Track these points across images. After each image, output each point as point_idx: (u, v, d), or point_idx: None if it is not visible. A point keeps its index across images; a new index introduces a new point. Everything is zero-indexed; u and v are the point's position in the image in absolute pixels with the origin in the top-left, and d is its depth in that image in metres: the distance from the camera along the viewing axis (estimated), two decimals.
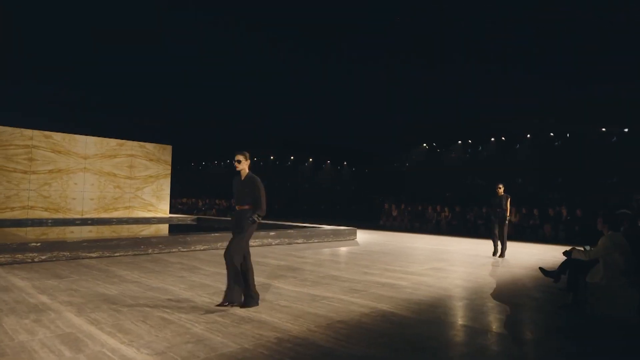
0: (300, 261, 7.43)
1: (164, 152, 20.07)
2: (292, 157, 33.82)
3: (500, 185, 8.63)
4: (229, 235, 8.97)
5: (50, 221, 14.29)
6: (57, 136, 16.91)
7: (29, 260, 6.50)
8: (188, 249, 8.30)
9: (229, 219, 19.09)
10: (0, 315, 3.72)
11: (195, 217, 18.34)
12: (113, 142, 18.41)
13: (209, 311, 4.01)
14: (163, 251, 7.95)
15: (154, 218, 17.04)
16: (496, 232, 8.59)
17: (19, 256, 6.42)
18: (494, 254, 8.65)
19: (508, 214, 8.59)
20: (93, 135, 17.99)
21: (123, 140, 18.76)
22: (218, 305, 4.14)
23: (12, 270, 5.86)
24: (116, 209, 18.27)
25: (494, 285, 5.71)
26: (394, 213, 16.65)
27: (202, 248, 8.51)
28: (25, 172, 16.02)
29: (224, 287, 5.08)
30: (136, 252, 7.59)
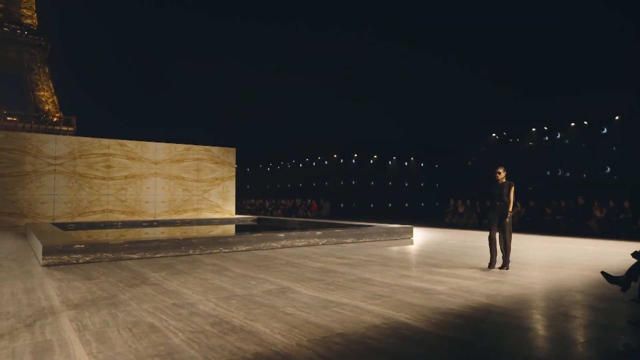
0: (337, 262, 6.97)
1: (228, 155, 20.64)
2: (355, 155, 33.27)
3: (500, 170, 6.48)
4: (272, 236, 8.81)
5: (120, 223, 15.21)
6: (131, 144, 18.04)
7: (74, 261, 6.76)
8: (229, 250, 8.21)
9: (293, 218, 19.12)
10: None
11: (256, 217, 18.57)
12: (180, 147, 19.27)
13: (204, 317, 3.72)
14: (204, 252, 7.93)
15: (215, 219, 17.52)
16: (494, 234, 6.39)
17: (65, 257, 6.70)
18: (490, 265, 6.37)
19: (511, 209, 6.35)
20: (162, 142, 19.00)
21: (189, 145, 19.57)
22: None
23: (52, 271, 6.10)
24: (185, 211, 19.11)
25: (550, 293, 4.81)
26: (461, 209, 15.47)
27: (243, 249, 8.38)
28: (104, 179, 17.29)
29: (242, 290, 4.82)
30: (177, 253, 7.64)
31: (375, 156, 31.76)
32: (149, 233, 13.43)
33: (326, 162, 33.85)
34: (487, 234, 6.66)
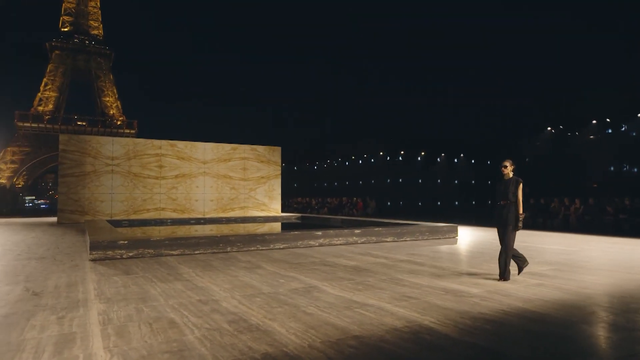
0: (372, 262, 6.80)
1: (274, 154, 20.91)
2: (402, 152, 32.53)
3: (507, 163, 5.40)
4: (309, 234, 8.77)
5: (169, 221, 15.82)
6: (180, 144, 18.74)
7: (118, 256, 7.08)
8: (266, 248, 8.26)
9: (336, 216, 19.03)
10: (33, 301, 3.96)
11: (300, 215, 18.65)
12: (227, 147, 19.76)
13: (224, 315, 3.72)
14: (241, 249, 8.03)
15: (259, 217, 17.79)
16: (510, 243, 5.28)
17: (110, 253, 7.03)
18: (502, 276, 5.23)
19: (521, 210, 5.26)
20: (210, 142, 19.58)
21: (236, 145, 20.03)
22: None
23: (97, 266, 6.41)
24: (232, 209, 19.58)
25: (602, 300, 4.38)
26: None
27: (281, 247, 8.41)
28: (156, 178, 18.08)
29: (268, 288, 4.80)
30: (214, 250, 7.79)
31: (423, 153, 30.95)
32: (198, 230, 13.87)
33: (372, 160, 33.44)
34: (543, 234, 6.22)
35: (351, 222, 14.04)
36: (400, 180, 29.68)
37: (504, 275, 5.23)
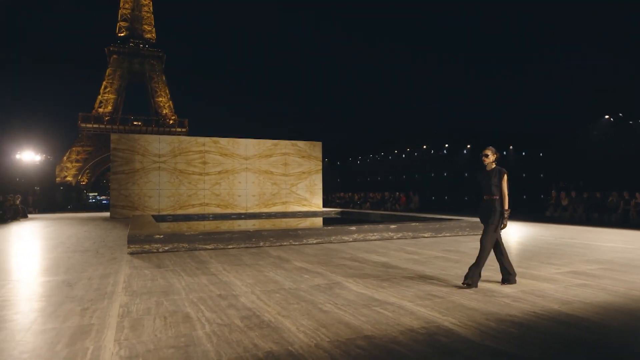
0: (404, 258, 6.57)
1: (315, 149, 20.89)
2: (446, 145, 31.40)
3: (488, 152, 4.74)
4: (343, 229, 8.64)
5: (211, 216, 16.21)
6: (223, 141, 19.15)
7: (154, 250, 7.30)
8: (299, 243, 8.23)
9: (376, 211, 18.76)
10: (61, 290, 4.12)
11: (340, 210, 18.53)
12: (268, 143, 19.97)
13: (239, 310, 3.69)
14: (274, 244, 8.04)
15: (299, 212, 17.83)
16: (490, 241, 4.68)
17: (147, 246, 7.26)
18: (503, 278, 4.72)
19: (507, 205, 4.57)
20: (252, 138, 19.87)
21: (277, 140, 20.20)
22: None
23: (133, 259, 6.63)
24: (274, 204, 19.79)
25: None
26: (564, 202, 13.74)
27: (314, 242, 8.34)
28: (200, 174, 18.61)
29: (291, 284, 4.75)
30: (247, 245, 7.85)
31: (468, 146, 29.74)
32: (241, 225, 14.11)
33: (416, 154, 32.61)
34: (599, 230, 5.72)
35: (391, 217, 13.75)
36: (445, 174, 28.71)
37: (466, 279, 4.54)
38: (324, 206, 22.86)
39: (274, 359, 2.64)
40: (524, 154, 27.24)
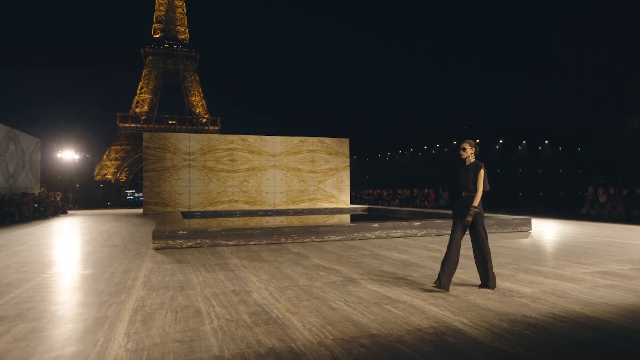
0: (425, 255, 6.44)
1: (342, 145, 20.81)
2: (477, 140, 30.48)
3: (466, 145, 4.45)
4: (365, 226, 8.55)
5: (238, 212, 16.43)
6: (251, 138, 19.37)
7: (178, 246, 7.46)
8: (321, 239, 8.22)
9: (403, 208, 18.49)
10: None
11: (367, 207, 18.38)
12: (296, 140, 20.05)
13: (249, 306, 3.72)
14: (296, 240, 8.07)
15: (326, 209, 17.82)
16: (456, 237, 4.27)
17: (171, 242, 7.44)
18: (439, 281, 4.17)
19: (477, 202, 4.20)
20: (280, 135, 20.00)
21: (304, 137, 20.24)
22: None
23: (157, 254, 6.81)
24: (302, 201, 19.88)
25: None
26: (602, 199, 13.10)
27: (335, 238, 8.31)
28: (229, 172, 18.91)
29: (305, 281, 4.74)
30: (269, 241, 7.91)
31: (500, 141, 28.77)
32: (269, 222, 14.26)
33: (446, 150, 31.88)
34: (632, 228, 5.41)
35: (418, 214, 13.53)
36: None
37: (438, 281, 4.19)
38: (351, 203, 22.75)
39: (274, 356, 2.64)
40: (560, 149, 26.13)
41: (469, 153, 4.44)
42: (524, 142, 27.58)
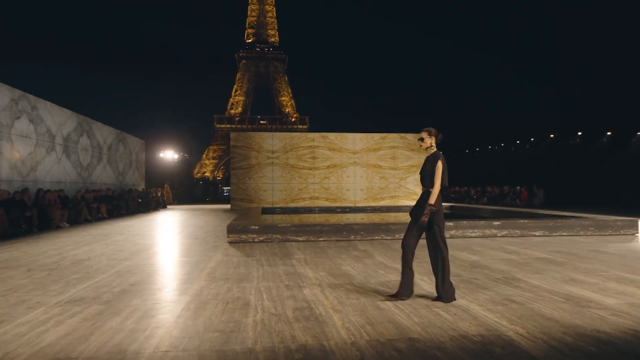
0: (499, 257, 5.97)
1: None
2: (579, 133, 27.22)
3: (424, 134, 3.91)
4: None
5: (317, 209, 16.66)
6: (332, 136, 19.55)
7: (250, 240, 7.78)
8: (391, 237, 8.02)
9: (487, 207, 17.31)
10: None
11: (449, 205, 17.54)
12: (376, 136, 19.82)
13: (297, 301, 3.74)
14: (365, 238, 7.96)
15: (405, 206, 17.35)
16: (409, 239, 3.87)
17: (243, 236, 7.78)
18: (399, 292, 3.83)
19: (433, 200, 3.70)
20: (360, 132, 19.91)
21: (385, 134, 19.93)
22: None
23: (229, 247, 7.16)
24: (383, 199, 19.61)
25: None
26: None
27: None
28: (310, 169, 19.29)
29: (362, 279, 4.69)
30: (338, 238, 7.91)
31: (608, 133, 25.41)
32: (350, 219, 14.32)
33: (542, 144, 29.08)
34: None
35: (504, 213, 12.59)
36: (579, 166, 24.97)
37: (438, 295, 3.79)
38: None
39: (303, 352, 2.62)
40: None
41: (428, 143, 3.91)
42: (639, 133, 24.08)
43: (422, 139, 3.92)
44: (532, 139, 29.52)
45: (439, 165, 3.75)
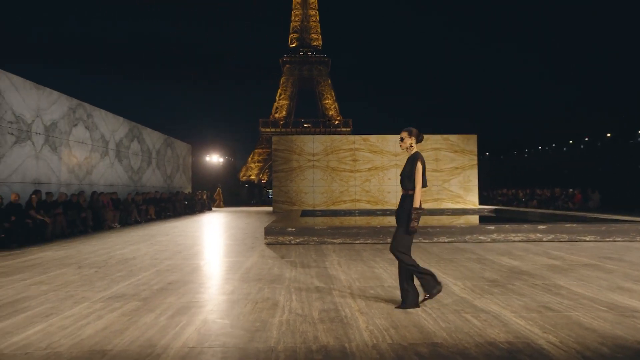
0: (541, 263, 5.71)
1: (469, 143, 19.54)
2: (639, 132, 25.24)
3: (403, 135, 3.75)
4: (479, 228, 7.91)
5: (357, 211, 16.59)
6: (373, 138, 19.43)
7: (287, 242, 7.89)
8: (429, 241, 7.87)
9: (535, 210, 16.52)
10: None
11: (495, 208, 16.93)
12: None
13: (324, 303, 3.76)
14: None
15: (449, 209, 16.93)
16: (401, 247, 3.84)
17: (280, 238, 7.90)
18: (426, 291, 3.69)
19: (417, 203, 3.67)
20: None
21: (427, 135, 19.48)
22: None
23: (266, 249, 7.30)
24: (425, 201, 19.15)
25: None
26: None
27: (445, 240, 7.87)
28: (351, 172, 19.26)
29: (394, 282, 4.66)
30: (374, 241, 7.85)
31: None
32: (391, 221, 14.19)
33: (599, 144, 27.29)
34: None
35: (554, 216, 12.00)
36: (619, 165, 23.02)
37: (403, 301, 3.63)
38: (481, 204, 21.17)
39: (324, 353, 2.64)
40: None
41: (407, 143, 3.76)
42: None
43: (402, 139, 3.80)
44: (587, 139, 27.80)
45: (419, 166, 3.65)
